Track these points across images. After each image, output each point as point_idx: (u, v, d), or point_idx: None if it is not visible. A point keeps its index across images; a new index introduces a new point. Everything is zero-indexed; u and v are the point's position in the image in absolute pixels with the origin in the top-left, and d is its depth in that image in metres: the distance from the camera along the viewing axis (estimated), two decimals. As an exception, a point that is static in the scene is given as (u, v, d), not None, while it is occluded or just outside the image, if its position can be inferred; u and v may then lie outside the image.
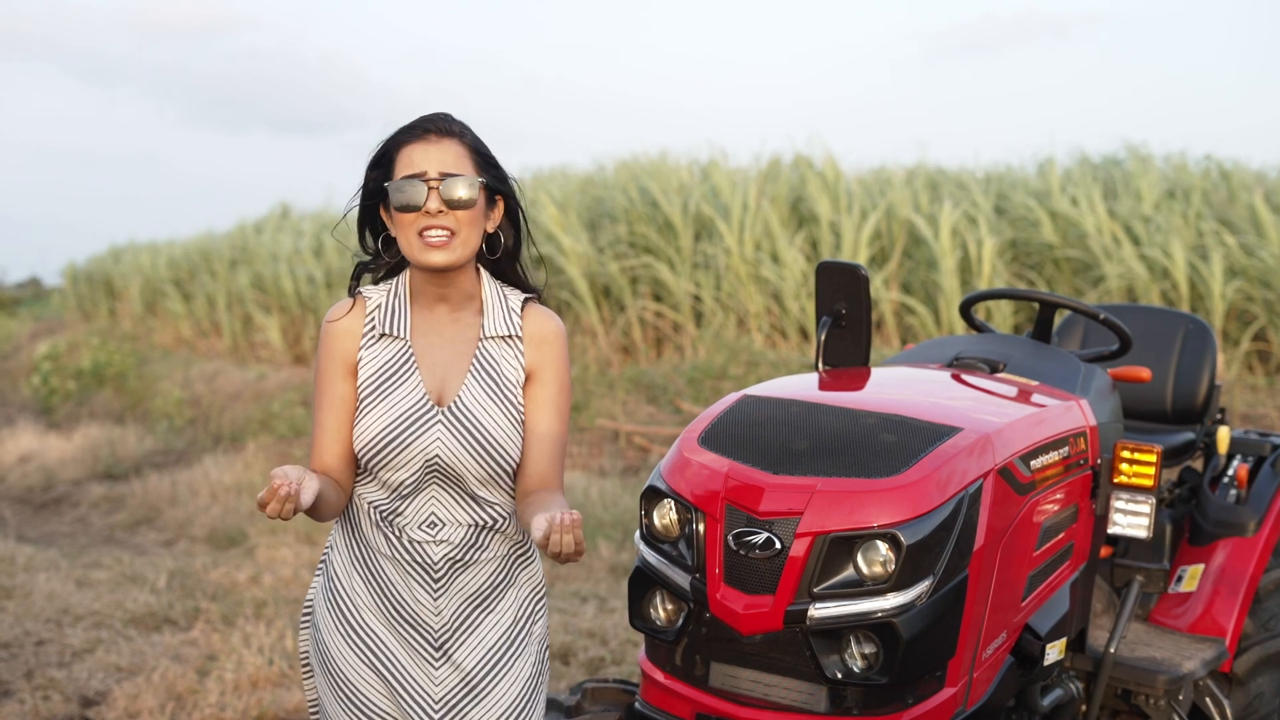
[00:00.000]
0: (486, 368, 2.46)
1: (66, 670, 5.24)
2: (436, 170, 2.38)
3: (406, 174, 2.39)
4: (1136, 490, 3.56)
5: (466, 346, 2.47)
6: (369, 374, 2.44)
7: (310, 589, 2.64)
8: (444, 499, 2.44)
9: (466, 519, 2.46)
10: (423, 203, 2.36)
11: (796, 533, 2.80)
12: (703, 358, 11.45)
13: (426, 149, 2.40)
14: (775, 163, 13.79)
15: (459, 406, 2.42)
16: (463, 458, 2.41)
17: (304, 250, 17.39)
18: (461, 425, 2.41)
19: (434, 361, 2.46)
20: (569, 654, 5.42)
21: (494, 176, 2.46)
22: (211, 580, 6.78)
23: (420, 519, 2.44)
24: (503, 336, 2.49)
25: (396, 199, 2.38)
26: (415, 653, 2.47)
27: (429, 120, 2.44)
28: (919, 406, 3.13)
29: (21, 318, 27.50)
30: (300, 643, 2.66)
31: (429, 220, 2.37)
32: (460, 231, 2.39)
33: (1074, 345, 4.63)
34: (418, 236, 2.38)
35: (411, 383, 2.43)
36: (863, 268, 3.58)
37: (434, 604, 2.46)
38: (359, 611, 2.49)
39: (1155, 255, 10.72)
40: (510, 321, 2.50)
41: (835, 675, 2.83)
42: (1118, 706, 3.75)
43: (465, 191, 2.38)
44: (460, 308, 2.49)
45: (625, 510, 8.03)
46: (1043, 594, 3.30)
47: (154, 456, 11.32)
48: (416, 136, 2.41)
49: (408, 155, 2.40)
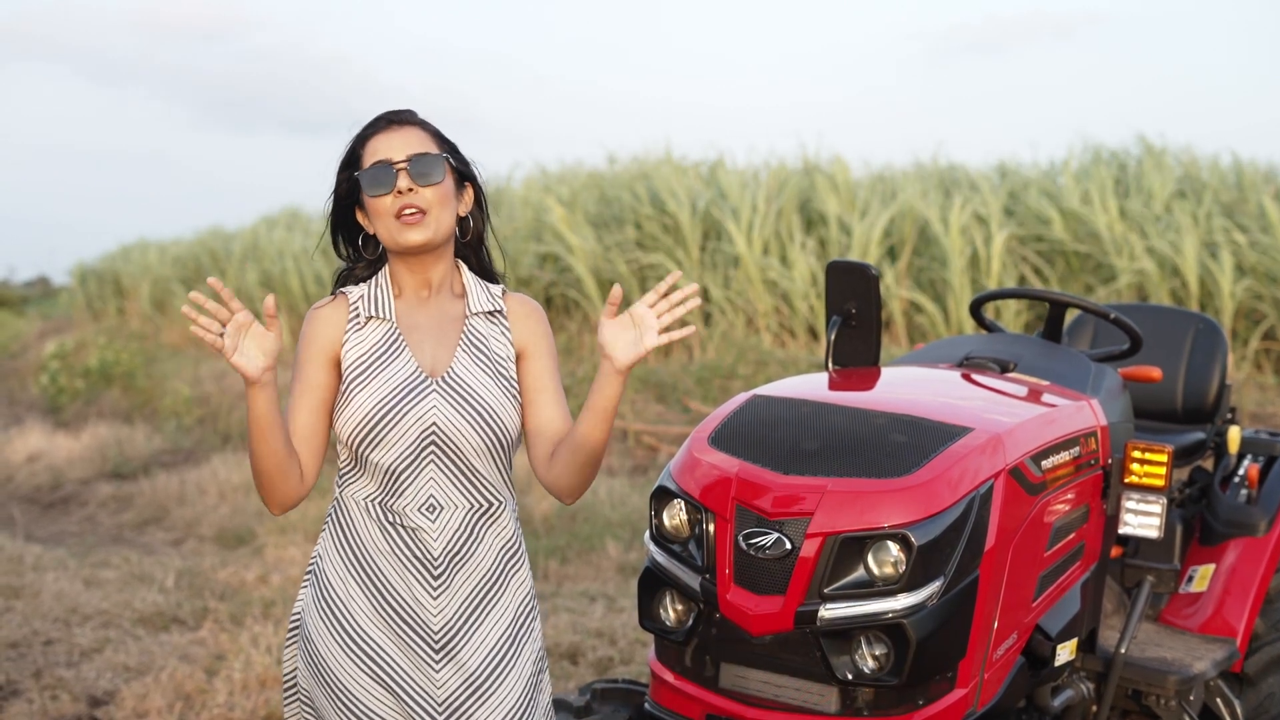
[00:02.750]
0: (475, 342, 2.51)
1: (75, 670, 5.24)
2: (403, 154, 2.45)
3: (374, 161, 2.46)
4: (1147, 490, 3.55)
5: (453, 325, 2.52)
6: (356, 356, 2.47)
7: (297, 603, 2.60)
8: (441, 480, 2.45)
9: (465, 502, 2.47)
10: (393, 184, 2.43)
11: (807, 533, 2.80)
12: (711, 357, 11.45)
13: (390, 137, 2.48)
14: (783, 166, 13.78)
15: (452, 375, 2.46)
16: (460, 426, 2.43)
17: (311, 248, 17.39)
18: (456, 393, 2.44)
19: (422, 340, 2.50)
20: (577, 654, 5.41)
21: (458, 159, 2.54)
22: (220, 580, 6.78)
23: (419, 501, 2.44)
24: (487, 312, 2.55)
25: (369, 185, 2.45)
26: (416, 655, 2.45)
27: (389, 112, 2.53)
28: (929, 406, 3.12)
29: (30, 317, 27.53)
30: (285, 661, 2.62)
31: (402, 201, 2.43)
32: (432, 210, 2.45)
33: (1084, 345, 4.61)
34: (394, 219, 2.44)
35: (403, 359, 2.47)
36: (872, 267, 3.57)
37: (434, 603, 2.44)
38: (355, 619, 2.46)
39: (1166, 252, 10.69)
40: (493, 299, 2.56)
41: (846, 676, 2.82)
42: (1128, 707, 3.73)
43: (433, 167, 2.45)
44: (441, 292, 2.55)
45: (634, 509, 8.02)
46: (1053, 594, 3.29)
47: (162, 456, 11.32)
48: (379, 128, 2.50)
49: (373, 147, 2.48)
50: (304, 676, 2.53)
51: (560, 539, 7.60)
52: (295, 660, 2.59)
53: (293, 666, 2.60)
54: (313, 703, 2.52)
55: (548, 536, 7.70)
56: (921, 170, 13.83)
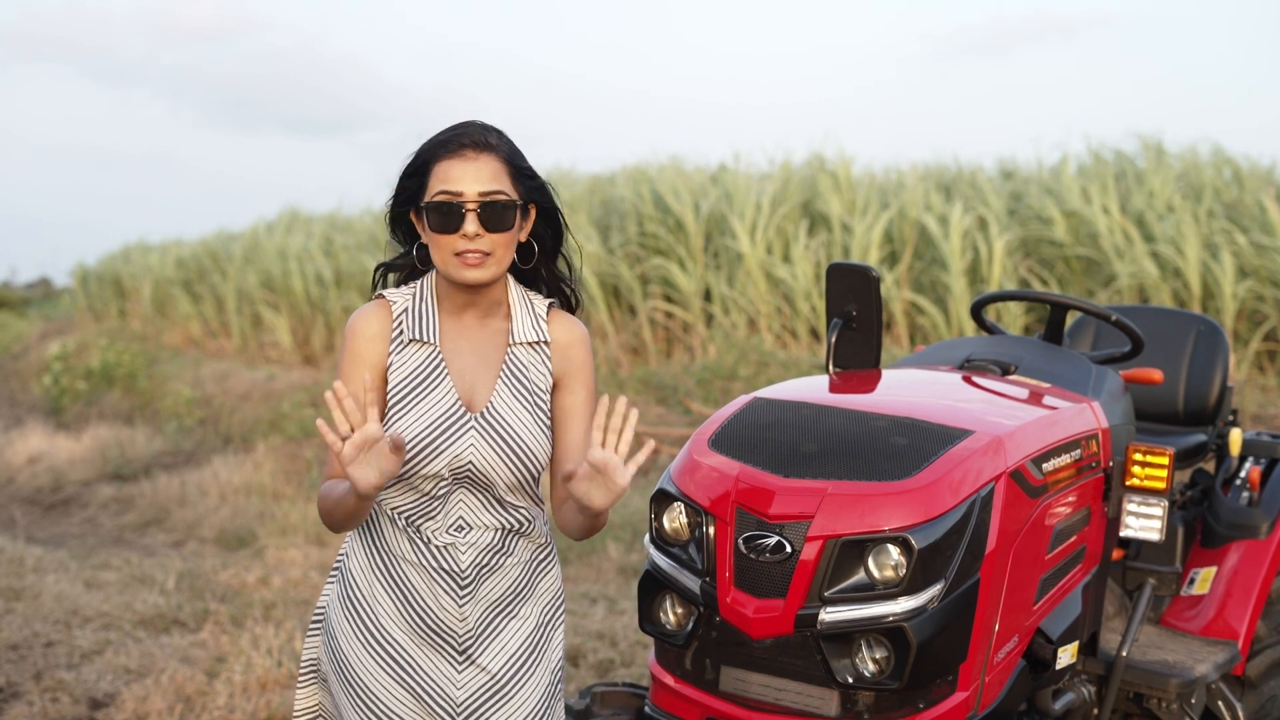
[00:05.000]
0: (516, 374, 2.46)
1: (75, 672, 5.23)
2: (474, 191, 2.35)
3: (443, 190, 2.36)
4: (1149, 493, 3.55)
5: (495, 352, 2.46)
6: (399, 380, 2.41)
7: (323, 595, 2.62)
8: (471, 503, 2.44)
9: (494, 523, 2.46)
10: (460, 225, 2.34)
11: (807, 536, 2.79)
12: (713, 358, 11.44)
13: (464, 166, 2.36)
14: (786, 165, 13.77)
15: (491, 412, 2.41)
16: (495, 464, 2.40)
17: (313, 249, 17.39)
18: (494, 431, 2.40)
19: (463, 367, 2.45)
20: (578, 656, 5.41)
21: (530, 187, 2.43)
22: (220, 582, 6.78)
23: (448, 523, 2.43)
24: (531, 343, 2.48)
25: (433, 221, 2.36)
26: (439, 656, 2.46)
27: (465, 134, 2.39)
28: (930, 409, 3.11)
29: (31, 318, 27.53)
30: (306, 649, 2.63)
31: (466, 244, 2.35)
32: (496, 251, 2.37)
33: (1085, 347, 4.61)
34: (453, 255, 2.36)
35: (443, 389, 2.41)
36: (873, 270, 3.57)
37: (459, 610, 2.44)
38: (380, 620, 2.47)
39: (1167, 253, 10.69)
40: (538, 328, 2.49)
41: (846, 680, 2.81)
42: (1130, 710, 3.73)
43: (503, 216, 2.36)
44: (488, 313, 2.48)
45: (635, 511, 8.02)
46: (1054, 597, 3.29)
47: (163, 457, 11.33)
48: (452, 152, 2.37)
49: (444, 171, 2.37)
50: (326, 669, 2.55)
51: (561, 541, 7.60)
52: (317, 649, 2.60)
53: (314, 655, 2.61)
54: (332, 694, 2.54)
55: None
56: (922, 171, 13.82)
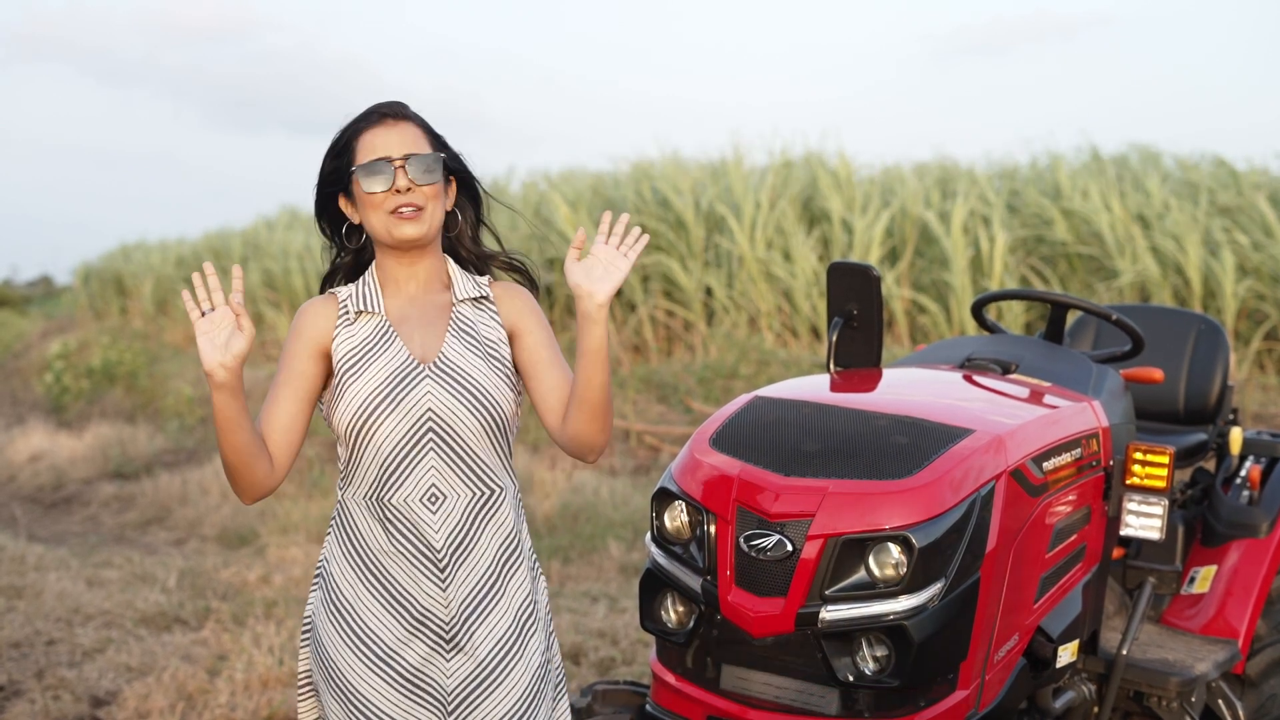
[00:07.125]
0: (464, 328, 2.55)
1: (77, 670, 5.24)
2: (400, 151, 2.50)
3: (371, 158, 2.50)
4: (1149, 492, 3.55)
5: (441, 315, 2.57)
6: (347, 351, 2.51)
7: (307, 606, 2.64)
8: (442, 469, 2.47)
9: (467, 490, 2.49)
10: (392, 181, 2.48)
11: (808, 535, 2.80)
12: (714, 357, 11.44)
13: (387, 133, 2.52)
14: (788, 162, 13.77)
15: (444, 360, 2.51)
16: (456, 409, 2.46)
17: (315, 247, 17.40)
18: (449, 377, 2.48)
19: (412, 331, 2.55)
20: (579, 654, 5.41)
21: (449, 155, 2.59)
22: (222, 580, 6.79)
23: (421, 492, 2.46)
24: (474, 299, 2.60)
25: (367, 182, 2.49)
26: (426, 647, 2.47)
27: (384, 106, 2.57)
28: (931, 408, 3.12)
29: (33, 316, 27.53)
30: (300, 661, 2.65)
31: (399, 199, 2.49)
32: (427, 206, 2.51)
33: (1086, 346, 4.61)
34: (389, 215, 2.49)
35: (394, 348, 2.51)
36: (874, 269, 3.57)
37: (443, 595, 2.47)
38: (365, 621, 2.48)
39: (1168, 249, 10.69)
40: (479, 285, 2.61)
41: (847, 678, 2.82)
42: (1130, 708, 3.73)
43: (430, 167, 2.51)
44: (428, 286, 2.60)
45: (636, 510, 8.02)
46: (1055, 596, 3.29)
47: (165, 455, 11.33)
48: (375, 122, 2.54)
49: (369, 141, 2.52)
50: (317, 677, 2.57)
51: (562, 539, 7.61)
52: (309, 661, 2.62)
53: (308, 666, 2.63)
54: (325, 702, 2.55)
55: (550, 537, 7.71)
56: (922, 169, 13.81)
